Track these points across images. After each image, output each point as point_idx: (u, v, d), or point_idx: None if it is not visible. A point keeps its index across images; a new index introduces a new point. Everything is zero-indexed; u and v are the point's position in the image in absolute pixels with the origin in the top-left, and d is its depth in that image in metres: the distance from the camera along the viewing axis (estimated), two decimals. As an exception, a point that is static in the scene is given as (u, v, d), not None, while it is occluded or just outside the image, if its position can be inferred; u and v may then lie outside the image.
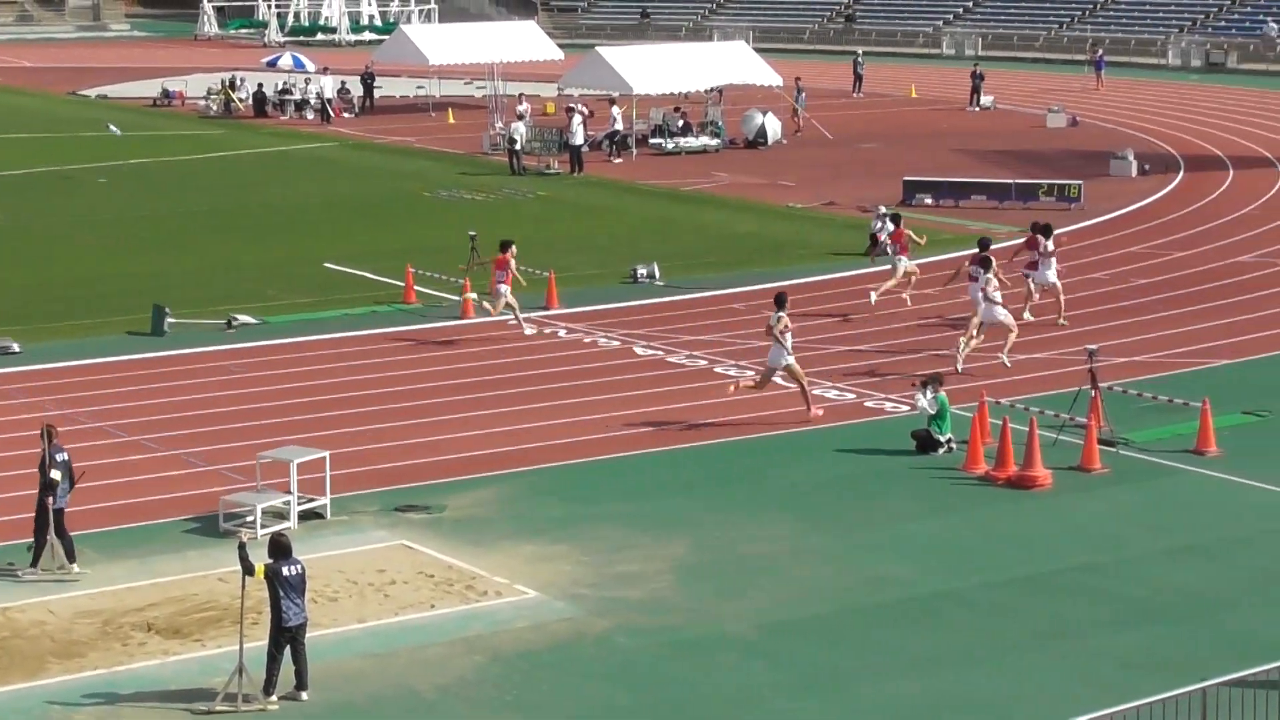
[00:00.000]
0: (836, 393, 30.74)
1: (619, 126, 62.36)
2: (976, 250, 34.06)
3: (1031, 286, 35.68)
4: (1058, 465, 26.12)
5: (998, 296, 32.13)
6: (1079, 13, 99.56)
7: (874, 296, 36.83)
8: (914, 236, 38.38)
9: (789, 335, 29.00)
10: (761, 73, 66.51)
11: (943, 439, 27.25)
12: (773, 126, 65.17)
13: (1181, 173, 56.55)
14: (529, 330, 35.71)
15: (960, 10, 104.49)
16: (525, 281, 36.45)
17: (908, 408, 29.17)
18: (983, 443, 26.64)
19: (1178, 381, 31.02)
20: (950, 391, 27.94)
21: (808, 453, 27.53)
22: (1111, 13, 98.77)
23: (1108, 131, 66.55)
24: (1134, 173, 55.58)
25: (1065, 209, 48.91)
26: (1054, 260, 36.11)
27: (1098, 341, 31.12)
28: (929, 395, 27.38)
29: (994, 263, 32.88)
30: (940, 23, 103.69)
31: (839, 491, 25.64)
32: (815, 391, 30.46)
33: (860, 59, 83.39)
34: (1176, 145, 62.57)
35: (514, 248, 35.29)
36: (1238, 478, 25.91)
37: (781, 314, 29.04)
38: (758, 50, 74.64)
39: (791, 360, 29.01)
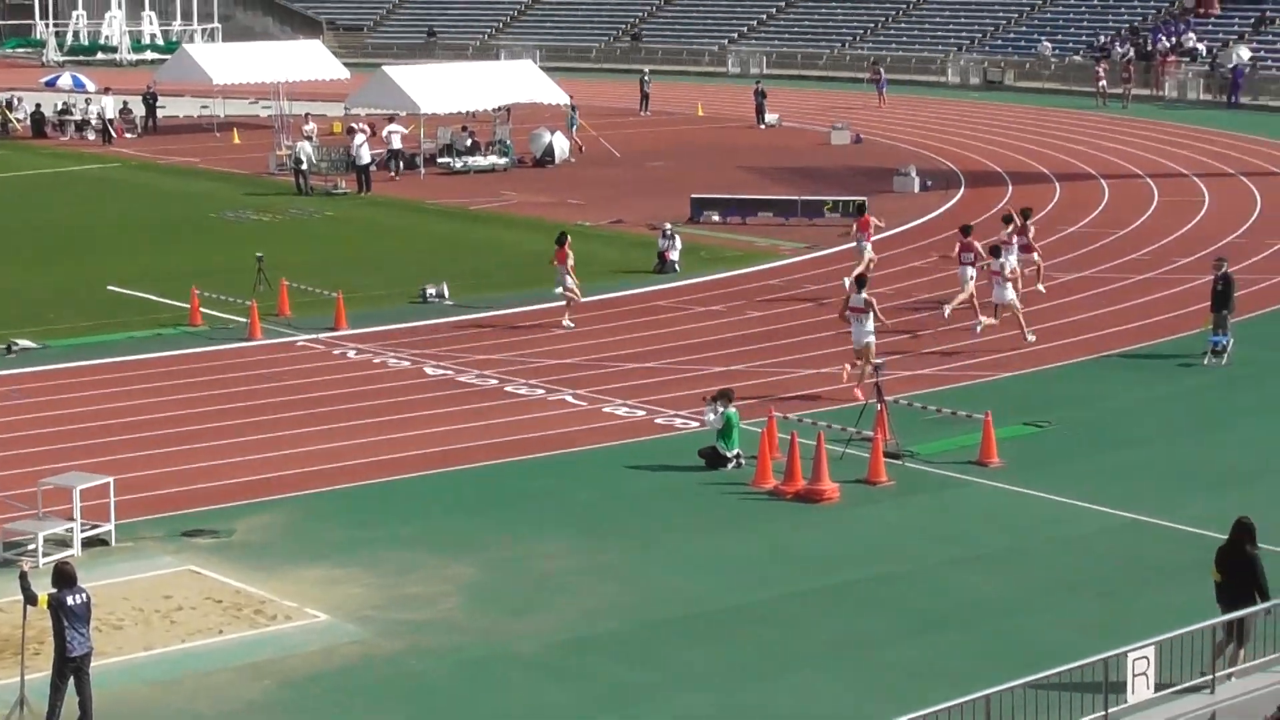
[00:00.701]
0: (626, 410, 30.83)
1: (397, 145, 61.98)
2: (961, 236, 38.06)
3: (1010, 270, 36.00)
4: (845, 479, 26.40)
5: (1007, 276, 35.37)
6: (861, 31, 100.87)
7: (847, 282, 37.76)
8: (878, 222, 41.75)
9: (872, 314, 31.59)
10: (549, 91, 66.53)
11: (730, 454, 27.41)
12: (560, 145, 65.29)
13: (962, 188, 57.45)
14: (567, 324, 37.42)
15: (745, 29, 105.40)
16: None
17: (697, 424, 29.33)
18: (771, 457, 26.86)
19: (961, 394, 31.50)
20: (739, 406, 28.10)
21: (597, 471, 27.55)
22: (892, 31, 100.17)
23: (891, 148, 67.44)
24: (917, 189, 56.39)
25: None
26: (1015, 247, 37.78)
27: (883, 355, 31.52)
28: (718, 410, 27.55)
29: (1003, 249, 36.31)
30: (725, 41, 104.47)
31: (628, 508, 25.70)
32: (605, 409, 30.63)
33: (647, 77, 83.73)
34: (957, 161, 63.57)
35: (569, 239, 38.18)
36: (1019, 488, 26.37)
37: (863, 294, 31.55)
38: (545, 69, 74.75)
39: (872, 339, 31.38)
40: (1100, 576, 22.74)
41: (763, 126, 75.94)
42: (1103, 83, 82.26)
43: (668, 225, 44.74)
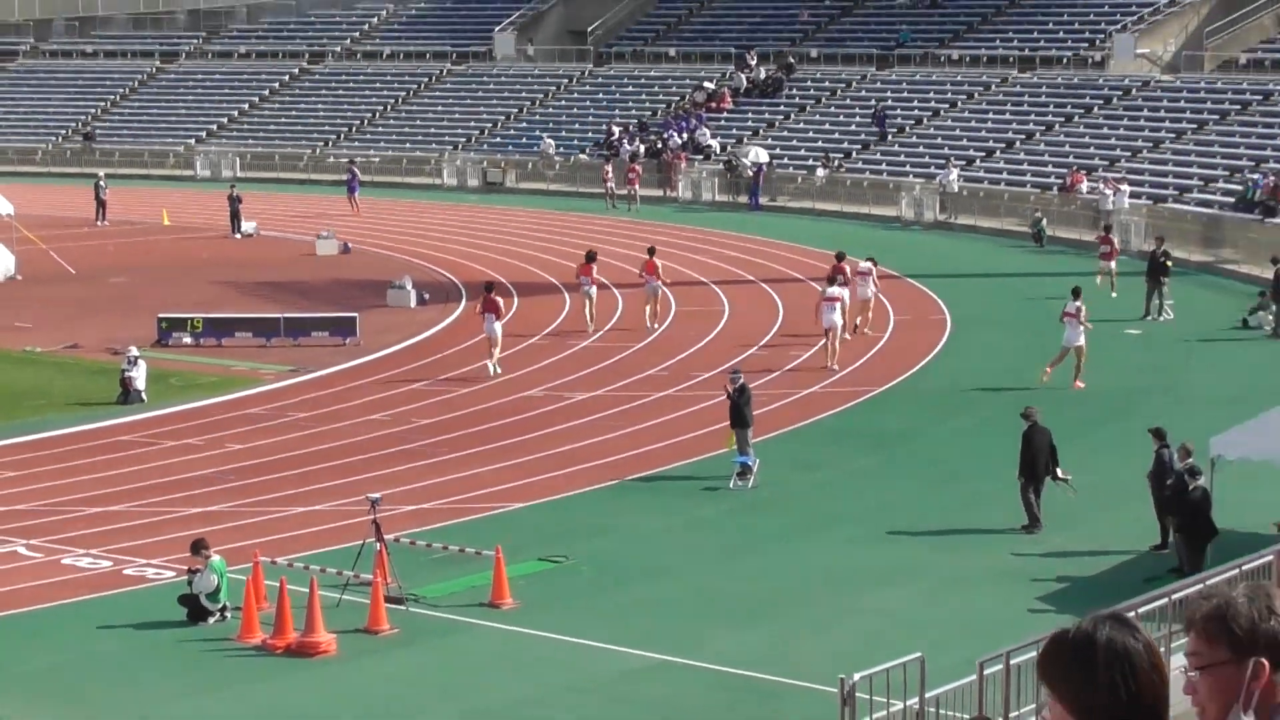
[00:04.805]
0: (90, 560, 30.28)
1: None
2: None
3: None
4: (342, 629, 26.41)
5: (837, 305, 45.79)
6: (345, 128, 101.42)
7: (652, 325, 51.56)
8: (661, 265, 52.93)
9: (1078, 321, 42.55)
10: (-12, 199, 65.10)
11: (214, 606, 27.18)
12: (4, 261, 63.70)
13: (464, 301, 58.04)
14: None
15: (214, 127, 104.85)
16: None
17: (173, 573, 28.99)
18: (258, 608, 26.71)
19: (469, 529, 31.83)
20: (225, 552, 27.88)
21: (56, 632, 26.97)
22: (380, 129, 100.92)
23: (384, 258, 67.73)
24: (413, 302, 56.82)
25: (340, 344, 49.59)
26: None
27: (380, 489, 31.54)
28: (203, 569, 27.22)
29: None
30: (192, 140, 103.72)
31: (95, 674, 25.22)
32: (65, 560, 30.09)
33: (103, 182, 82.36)
34: (457, 271, 64.19)
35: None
36: (535, 630, 26.76)
37: (1078, 303, 42.92)
38: (-17, 173, 73.10)
39: (1083, 342, 42.50)
40: (625, 724, 23.25)
41: (238, 236, 75.53)
42: (610, 183, 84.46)
43: (132, 349, 44.13)
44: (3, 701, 24.06)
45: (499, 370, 45.35)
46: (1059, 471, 31.74)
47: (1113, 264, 56.16)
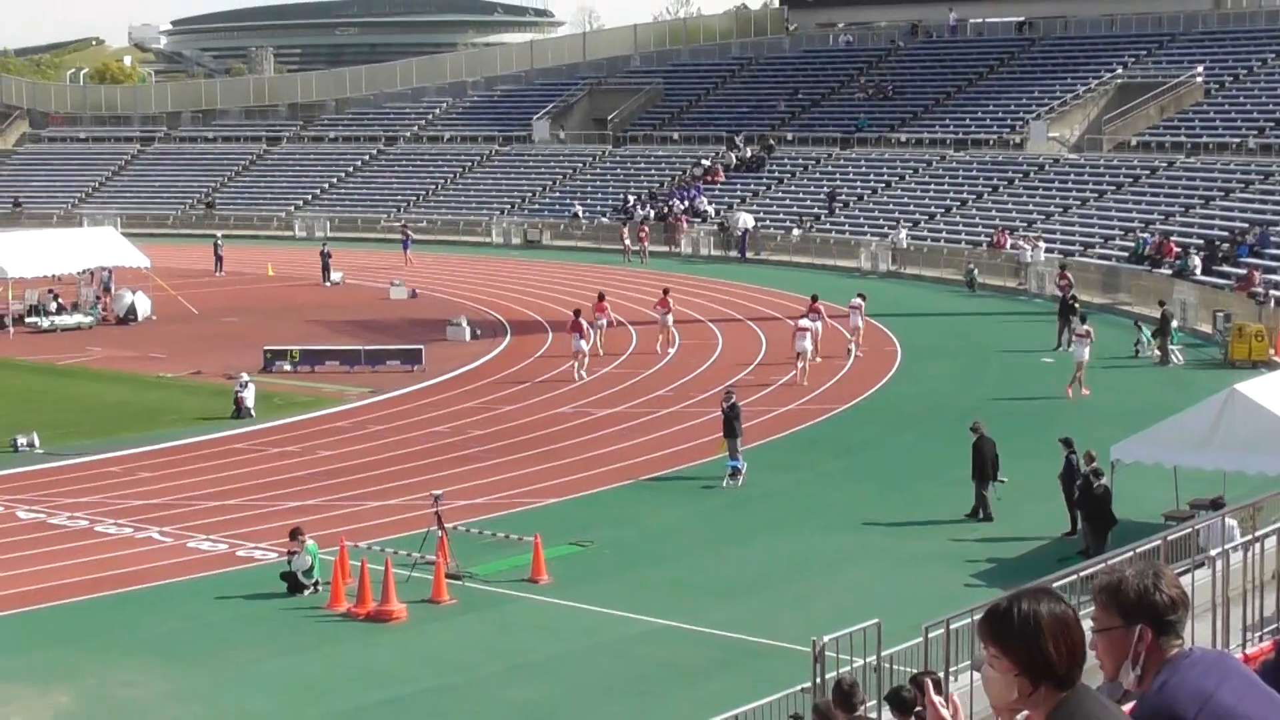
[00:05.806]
0: (209, 544, 30.19)
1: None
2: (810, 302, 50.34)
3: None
4: (411, 599, 26.32)
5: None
6: (413, 198, 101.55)
7: (661, 350, 51.67)
8: (671, 302, 53.75)
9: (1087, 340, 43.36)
10: (130, 255, 65.15)
11: (309, 581, 27.10)
12: (143, 305, 63.73)
13: (509, 336, 58.04)
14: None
15: (309, 197, 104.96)
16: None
17: (275, 554, 28.90)
18: (344, 583, 26.63)
19: (513, 519, 31.73)
20: (317, 537, 27.82)
21: (183, 603, 26.90)
22: (441, 198, 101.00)
23: (444, 302, 67.66)
24: (468, 337, 56.74)
25: (409, 371, 49.56)
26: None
27: (442, 487, 31.52)
28: (300, 552, 27.17)
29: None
30: (292, 208, 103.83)
31: (212, 636, 25.15)
32: (189, 544, 30.01)
33: (220, 241, 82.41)
34: (503, 312, 64.21)
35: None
36: (566, 601, 26.68)
37: (1087, 325, 44.39)
38: (126, 235, 73.08)
39: (1086, 358, 43.03)
40: (636, 678, 23.13)
41: (328, 284, 75.45)
42: (627, 241, 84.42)
43: (243, 375, 44.11)
44: (138, 657, 23.99)
45: (584, 376, 47.05)
46: (999, 475, 31.69)
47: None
